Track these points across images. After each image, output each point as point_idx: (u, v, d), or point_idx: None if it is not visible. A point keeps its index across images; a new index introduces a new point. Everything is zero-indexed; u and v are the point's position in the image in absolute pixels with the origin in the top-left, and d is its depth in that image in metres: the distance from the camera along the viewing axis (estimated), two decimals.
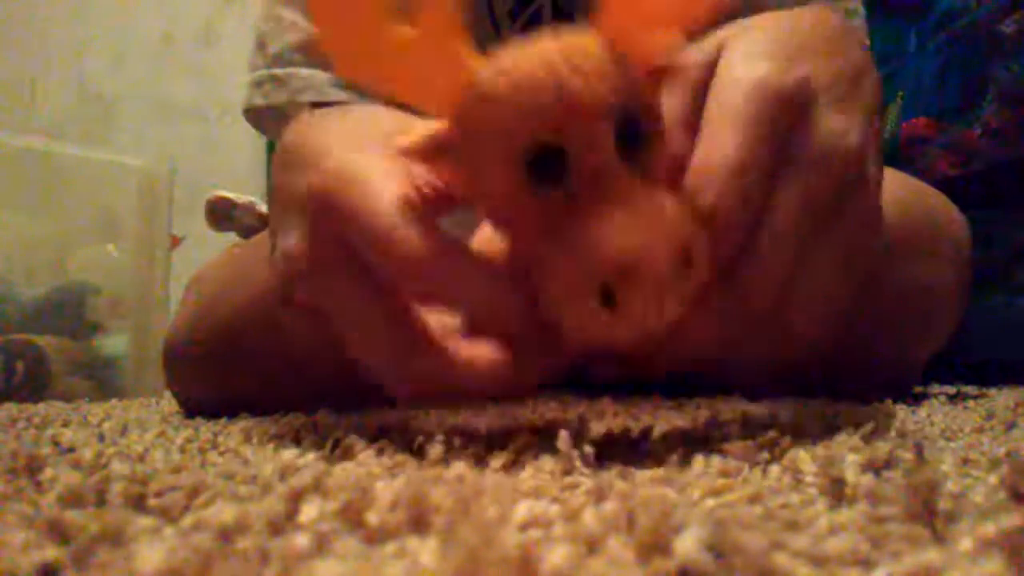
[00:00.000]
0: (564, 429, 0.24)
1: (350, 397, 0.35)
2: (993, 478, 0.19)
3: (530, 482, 0.20)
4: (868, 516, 0.16)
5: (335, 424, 0.34)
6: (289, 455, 0.24)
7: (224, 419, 0.47)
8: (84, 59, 1.74)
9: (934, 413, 0.42)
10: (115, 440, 0.34)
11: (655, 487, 0.19)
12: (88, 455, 0.25)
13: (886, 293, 0.44)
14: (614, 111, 0.24)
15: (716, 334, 0.27)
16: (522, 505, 0.16)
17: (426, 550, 0.13)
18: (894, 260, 0.46)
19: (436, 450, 0.23)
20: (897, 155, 1.03)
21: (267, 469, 0.21)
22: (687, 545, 0.12)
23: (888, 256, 0.44)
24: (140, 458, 0.27)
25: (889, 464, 0.21)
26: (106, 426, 0.43)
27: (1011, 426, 0.35)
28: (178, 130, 1.77)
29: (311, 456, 0.25)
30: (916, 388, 0.64)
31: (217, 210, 0.84)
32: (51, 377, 0.92)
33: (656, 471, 0.21)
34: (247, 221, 0.83)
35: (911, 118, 1.05)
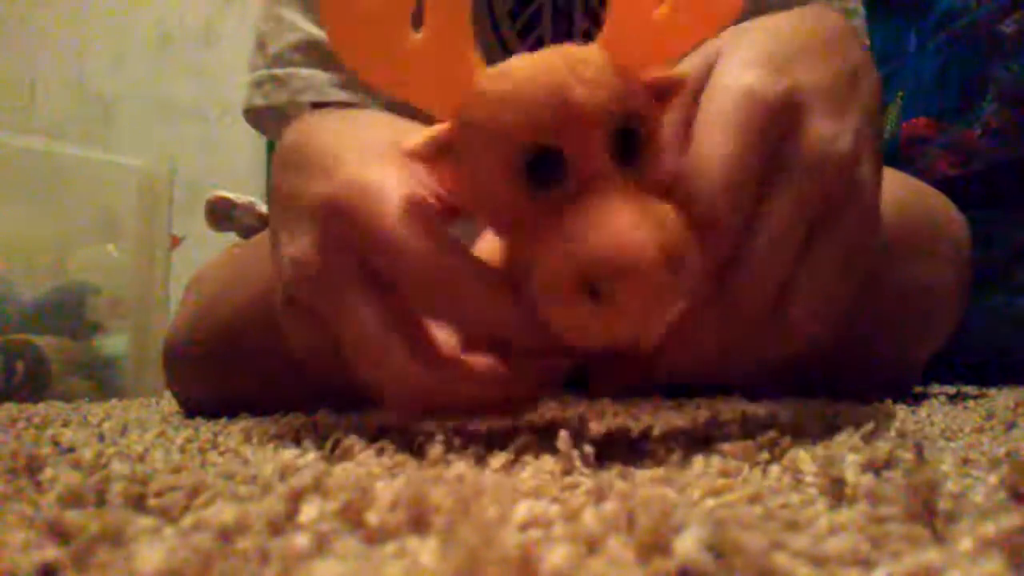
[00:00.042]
0: (564, 429, 0.24)
1: (350, 397, 0.35)
2: (993, 478, 0.19)
3: (530, 482, 0.20)
4: (868, 516, 0.16)
5: (335, 424, 0.34)
6: (289, 455, 0.24)
7: (224, 419, 0.47)
8: (84, 59, 1.74)
9: (934, 413, 0.42)
10: (115, 440, 0.34)
11: (655, 487, 0.19)
12: (88, 455, 0.25)
13: (886, 293, 0.44)
14: (613, 119, 0.24)
15: (714, 342, 0.27)
16: (522, 505, 0.16)
17: (426, 550, 0.13)
18: (894, 260, 0.46)
19: (436, 450, 0.23)
20: (897, 155, 1.03)
21: (267, 469, 0.22)
22: (687, 545, 0.12)
23: (887, 256, 0.44)
24: (140, 458, 0.27)
25: (889, 464, 0.21)
26: (106, 426, 0.43)
27: (1011, 426, 0.35)
28: (178, 130, 1.77)
29: (311, 456, 0.25)
30: (916, 388, 0.64)
31: (217, 210, 0.84)
32: (51, 377, 0.92)
33: (656, 471, 0.21)
34: (247, 221, 0.83)
35: (911, 118, 1.05)
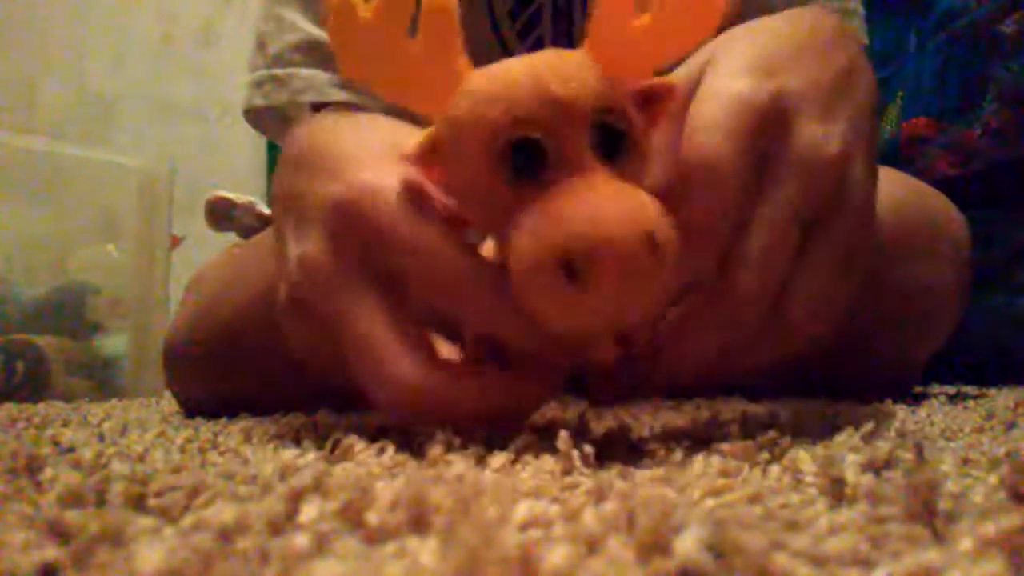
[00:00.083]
0: (564, 429, 0.24)
1: (350, 397, 0.35)
2: (993, 478, 0.19)
3: (530, 482, 0.20)
4: (868, 516, 0.16)
5: (335, 424, 0.34)
6: (289, 455, 0.24)
7: (224, 419, 0.47)
8: (84, 59, 1.74)
9: (934, 413, 0.42)
10: (115, 440, 0.34)
11: (655, 487, 0.19)
12: (88, 455, 0.25)
13: (886, 293, 0.44)
14: (593, 114, 0.25)
15: (714, 345, 0.27)
16: (522, 505, 0.16)
17: (426, 550, 0.13)
18: (894, 260, 0.46)
19: (436, 450, 0.23)
20: (897, 155, 1.03)
21: (267, 469, 0.22)
22: (687, 545, 0.12)
23: (887, 256, 0.44)
24: (140, 458, 0.27)
25: (889, 464, 0.21)
26: (106, 426, 0.43)
27: (1011, 426, 0.35)
28: (178, 130, 1.77)
29: (311, 456, 0.25)
30: (916, 388, 0.64)
31: (217, 210, 0.84)
32: (51, 377, 0.92)
33: (656, 471, 0.21)
34: (247, 221, 0.83)
35: (911, 118, 1.05)
